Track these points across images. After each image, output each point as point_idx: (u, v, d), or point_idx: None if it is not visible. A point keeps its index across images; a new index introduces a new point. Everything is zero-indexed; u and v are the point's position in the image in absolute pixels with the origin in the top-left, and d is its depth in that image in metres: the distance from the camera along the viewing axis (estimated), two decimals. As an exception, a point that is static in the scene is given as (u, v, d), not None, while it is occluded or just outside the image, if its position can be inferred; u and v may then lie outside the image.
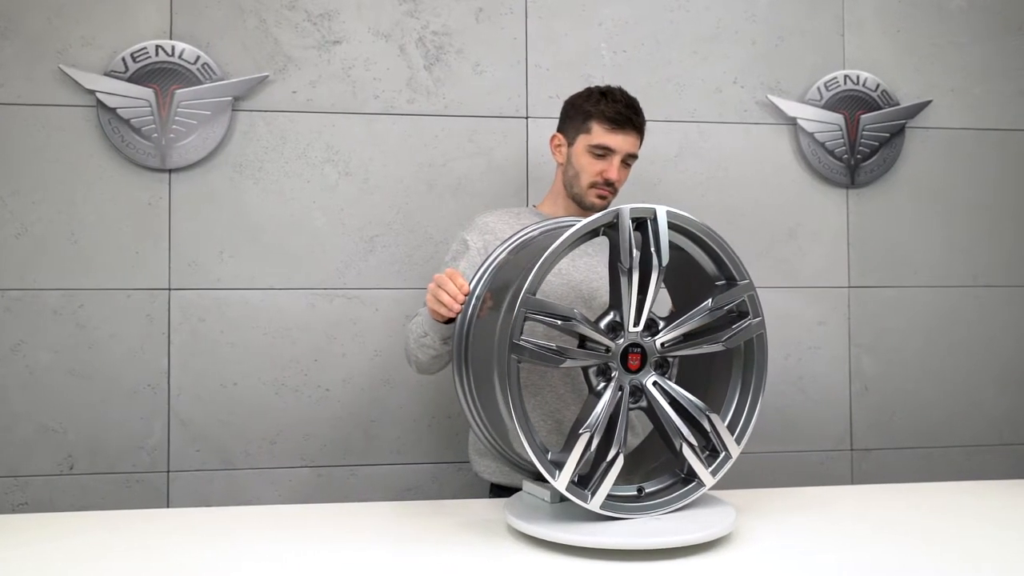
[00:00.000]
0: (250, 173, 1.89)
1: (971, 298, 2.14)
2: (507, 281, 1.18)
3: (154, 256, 1.85)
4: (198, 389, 1.86)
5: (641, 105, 1.54)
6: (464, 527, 1.20)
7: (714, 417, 1.20)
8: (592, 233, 1.17)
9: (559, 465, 1.11)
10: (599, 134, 1.51)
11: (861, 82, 2.08)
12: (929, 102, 2.11)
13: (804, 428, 2.07)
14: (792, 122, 2.06)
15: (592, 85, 1.57)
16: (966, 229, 2.14)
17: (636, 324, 1.18)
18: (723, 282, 1.24)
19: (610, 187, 1.53)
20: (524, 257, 1.22)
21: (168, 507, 1.84)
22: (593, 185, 1.53)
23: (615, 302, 1.19)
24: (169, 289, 1.86)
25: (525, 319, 1.11)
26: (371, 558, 1.07)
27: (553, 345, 1.12)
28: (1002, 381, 2.14)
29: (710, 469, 1.20)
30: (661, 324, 1.22)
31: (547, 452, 1.12)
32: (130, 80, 1.83)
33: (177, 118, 1.84)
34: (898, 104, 2.10)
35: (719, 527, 1.12)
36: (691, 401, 1.21)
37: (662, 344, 1.21)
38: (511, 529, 1.16)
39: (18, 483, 1.80)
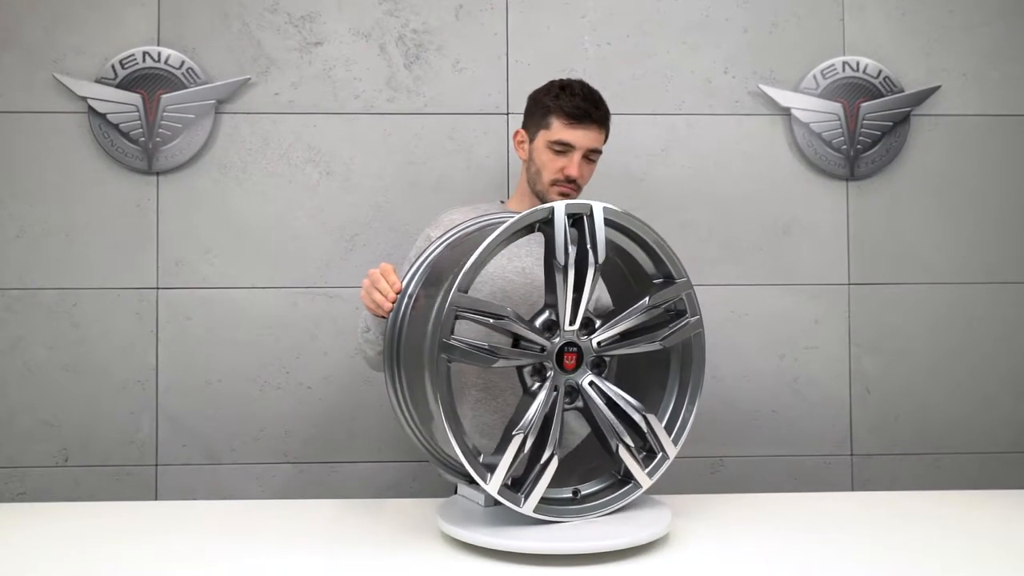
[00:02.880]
0: (234, 174, 1.93)
1: (982, 294, 2.00)
2: (440, 279, 1.17)
3: (143, 256, 1.91)
4: (185, 385, 1.91)
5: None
6: (397, 529, 1.19)
7: (651, 417, 1.17)
8: (529, 229, 1.16)
9: (491, 468, 1.09)
10: (558, 130, 1.47)
11: (861, 69, 1.98)
12: (938, 87, 1.99)
13: (800, 431, 1.98)
14: (786, 112, 1.98)
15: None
16: (976, 221, 2.00)
17: (572, 323, 1.16)
18: (661, 280, 1.20)
19: (572, 184, 1.49)
20: (459, 253, 1.20)
21: (156, 500, 1.89)
22: (555, 183, 1.49)
23: (551, 300, 1.17)
24: (157, 288, 1.91)
25: (456, 317, 1.09)
26: (303, 560, 1.07)
27: (485, 344, 1.11)
28: (1017, 383, 2.00)
29: (647, 470, 1.17)
30: (598, 323, 1.19)
31: (479, 455, 1.11)
32: (119, 86, 1.89)
33: (163, 122, 1.89)
34: (902, 91, 1.98)
35: (653, 530, 1.09)
36: (628, 401, 1.17)
37: (598, 343, 1.18)
38: (443, 534, 1.14)
39: (16, 473, 1.89)
